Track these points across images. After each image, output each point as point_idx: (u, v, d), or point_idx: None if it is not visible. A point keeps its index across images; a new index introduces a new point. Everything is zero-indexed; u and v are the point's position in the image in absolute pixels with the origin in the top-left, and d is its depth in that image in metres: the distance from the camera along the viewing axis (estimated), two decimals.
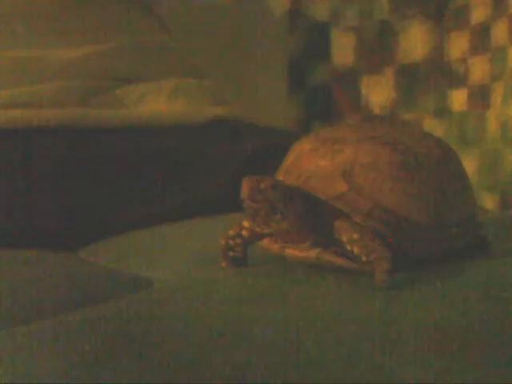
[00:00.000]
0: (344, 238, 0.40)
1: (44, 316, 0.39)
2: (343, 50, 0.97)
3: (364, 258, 0.39)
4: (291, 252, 0.42)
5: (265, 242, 0.44)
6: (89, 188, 0.66)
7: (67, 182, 0.65)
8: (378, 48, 0.94)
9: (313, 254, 0.41)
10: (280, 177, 0.43)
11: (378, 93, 0.93)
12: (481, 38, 0.82)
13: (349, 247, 0.39)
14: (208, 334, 0.34)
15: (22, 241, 0.61)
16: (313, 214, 0.41)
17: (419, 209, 0.41)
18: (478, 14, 0.82)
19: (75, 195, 0.66)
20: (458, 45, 0.85)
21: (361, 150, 0.41)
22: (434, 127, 0.87)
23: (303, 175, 0.41)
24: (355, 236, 0.39)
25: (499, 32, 0.79)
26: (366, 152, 0.41)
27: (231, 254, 0.45)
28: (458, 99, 0.84)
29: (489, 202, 0.79)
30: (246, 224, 0.44)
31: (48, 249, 0.60)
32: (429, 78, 0.88)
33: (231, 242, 0.45)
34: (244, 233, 0.44)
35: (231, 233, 0.45)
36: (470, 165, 0.80)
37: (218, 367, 0.31)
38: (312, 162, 0.41)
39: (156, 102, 0.75)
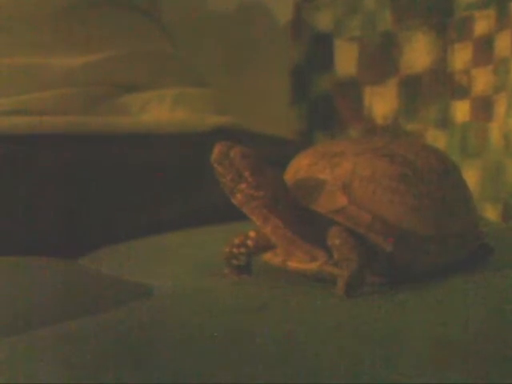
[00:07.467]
0: (330, 242, 0.40)
1: (44, 324, 0.39)
2: (346, 60, 0.97)
3: (339, 265, 0.39)
4: (293, 265, 0.42)
5: (267, 256, 0.44)
6: (90, 195, 0.66)
7: (69, 189, 0.65)
8: (380, 59, 0.94)
9: (314, 266, 0.41)
10: None
11: (381, 103, 0.93)
12: (484, 50, 0.82)
13: (334, 252, 0.40)
14: (209, 343, 0.33)
15: (23, 247, 0.61)
16: (303, 214, 0.41)
17: (419, 220, 0.41)
18: (482, 26, 0.82)
19: (77, 202, 0.66)
20: (461, 56, 0.85)
21: (360, 163, 0.41)
22: (437, 138, 0.87)
23: (302, 189, 0.41)
24: (337, 242, 0.39)
25: (502, 44, 0.79)
26: (365, 165, 0.41)
27: (234, 262, 0.46)
28: (461, 110, 0.84)
29: (491, 213, 0.79)
30: (251, 234, 0.44)
31: (49, 256, 0.60)
32: (432, 88, 0.88)
33: (235, 251, 0.45)
34: (249, 243, 0.44)
35: (236, 241, 0.45)
36: (472, 176, 0.80)
37: (218, 377, 0.31)
38: (311, 176, 0.42)
39: (159, 110, 0.75)
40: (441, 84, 0.87)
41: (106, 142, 0.68)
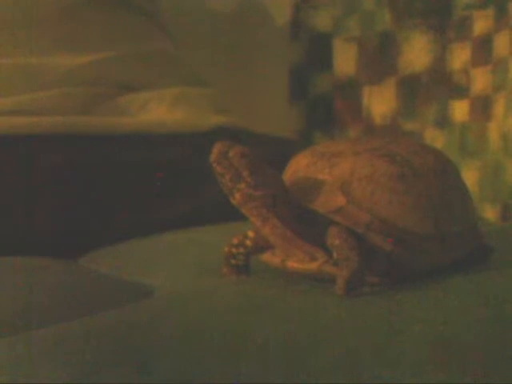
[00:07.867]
0: (329, 242, 0.40)
1: (44, 324, 0.39)
2: (345, 60, 0.97)
3: (339, 264, 0.39)
4: (292, 265, 0.42)
5: (265, 256, 0.44)
6: (90, 195, 0.66)
7: (69, 190, 0.65)
8: (379, 58, 0.94)
9: (314, 266, 0.41)
10: None
11: (380, 103, 0.93)
12: (483, 50, 0.82)
13: (333, 252, 0.40)
14: (208, 343, 0.34)
15: (23, 248, 0.61)
16: (301, 214, 0.41)
17: (418, 220, 0.41)
18: (480, 26, 0.82)
19: (76, 202, 0.66)
20: (459, 56, 0.85)
21: (358, 162, 0.41)
22: (436, 138, 0.87)
23: (301, 189, 0.41)
24: (336, 242, 0.39)
25: (501, 43, 0.79)
26: (364, 165, 0.41)
27: (233, 261, 0.46)
28: (460, 110, 0.84)
29: (490, 213, 0.79)
30: (250, 234, 0.44)
31: (48, 256, 0.60)
32: (430, 88, 0.88)
33: (234, 250, 0.45)
34: (248, 242, 0.44)
35: (235, 241, 0.45)
36: (471, 176, 0.80)
37: (218, 376, 0.31)
38: (310, 176, 0.42)
39: (159, 110, 0.75)
40: (439, 84, 0.87)
41: (105, 142, 0.68)
